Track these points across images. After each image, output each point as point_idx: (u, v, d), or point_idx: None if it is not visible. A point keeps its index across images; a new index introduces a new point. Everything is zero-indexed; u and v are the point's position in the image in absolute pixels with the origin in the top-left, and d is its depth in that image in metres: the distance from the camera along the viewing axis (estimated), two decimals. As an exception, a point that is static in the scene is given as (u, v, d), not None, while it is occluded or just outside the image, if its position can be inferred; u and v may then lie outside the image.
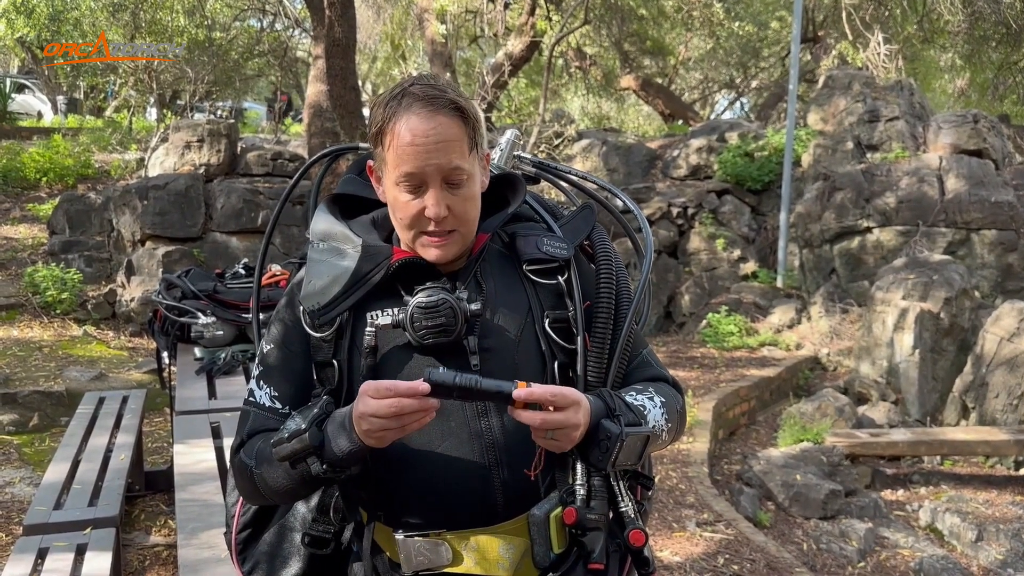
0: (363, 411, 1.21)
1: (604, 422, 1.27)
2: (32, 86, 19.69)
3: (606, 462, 1.26)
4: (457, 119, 1.30)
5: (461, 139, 1.30)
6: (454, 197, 1.31)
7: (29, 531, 3.20)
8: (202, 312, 4.25)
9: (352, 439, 1.25)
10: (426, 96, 1.28)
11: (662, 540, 4.33)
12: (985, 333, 7.05)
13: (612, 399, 1.32)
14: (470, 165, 1.32)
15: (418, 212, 1.31)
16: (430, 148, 1.27)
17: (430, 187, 1.29)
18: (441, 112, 1.28)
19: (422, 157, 1.27)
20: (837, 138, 10.27)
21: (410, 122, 1.27)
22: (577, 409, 1.23)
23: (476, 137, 1.33)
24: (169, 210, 9.19)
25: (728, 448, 6.53)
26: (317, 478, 1.29)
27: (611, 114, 23.05)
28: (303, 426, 1.26)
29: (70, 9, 13.68)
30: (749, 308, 9.27)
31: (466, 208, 1.33)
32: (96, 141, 12.90)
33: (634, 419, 1.31)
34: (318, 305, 1.36)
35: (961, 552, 5.23)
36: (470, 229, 1.36)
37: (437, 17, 13.29)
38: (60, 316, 8.31)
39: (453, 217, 1.31)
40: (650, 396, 1.39)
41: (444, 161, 1.28)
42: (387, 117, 1.30)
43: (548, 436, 1.23)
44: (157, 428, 5.88)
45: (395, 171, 1.30)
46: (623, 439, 1.25)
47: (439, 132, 1.28)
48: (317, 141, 8.54)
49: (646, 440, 1.30)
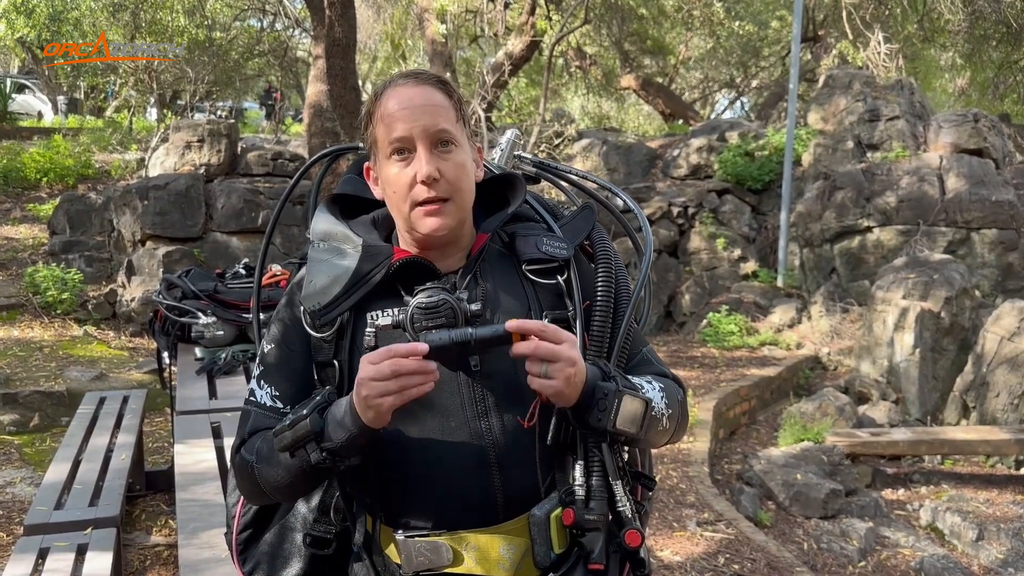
0: (362, 376, 1.22)
1: (600, 382, 1.28)
2: (32, 86, 19.70)
3: (606, 420, 1.25)
4: (441, 90, 1.35)
5: (447, 106, 1.34)
6: (444, 162, 1.32)
7: (30, 531, 3.20)
8: (202, 312, 4.25)
9: (353, 420, 1.25)
10: (410, 73, 1.36)
11: (663, 540, 4.33)
12: (986, 332, 7.05)
13: (607, 366, 1.32)
14: (458, 133, 1.35)
15: (410, 180, 1.32)
16: (416, 111, 1.31)
17: (420, 149, 1.32)
18: (426, 83, 1.34)
19: (409, 119, 1.31)
20: (837, 137, 10.27)
21: (396, 92, 1.33)
22: (572, 344, 1.24)
23: (461, 111, 1.37)
24: (169, 210, 9.19)
25: (729, 448, 6.53)
26: (316, 468, 1.28)
27: (611, 114, 23.06)
28: (304, 412, 1.27)
29: (70, 9, 13.69)
30: (749, 307, 9.27)
31: (458, 174, 1.34)
32: (96, 141, 12.90)
33: (631, 385, 1.31)
34: (319, 305, 1.36)
35: (962, 551, 5.23)
36: (464, 200, 1.36)
37: (437, 17, 13.28)
38: (61, 316, 8.31)
39: (445, 182, 1.32)
40: (648, 381, 1.40)
41: (431, 122, 1.31)
42: (374, 99, 1.36)
43: (544, 372, 1.22)
44: (158, 428, 5.88)
45: (385, 142, 1.33)
46: (620, 393, 1.26)
47: (424, 97, 1.33)
48: (317, 141, 8.54)
49: (646, 405, 1.29)
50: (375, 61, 20.88)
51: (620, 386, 1.27)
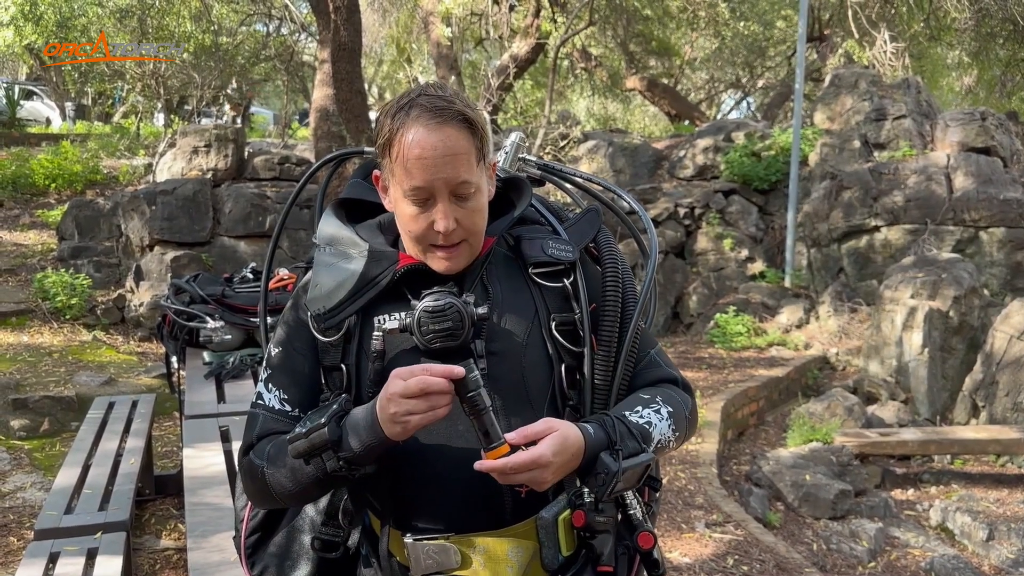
0: (392, 391, 1.21)
1: (603, 456, 1.26)
2: (40, 93, 19.79)
3: (603, 494, 1.27)
4: (465, 131, 1.29)
5: (469, 152, 1.29)
6: (462, 210, 1.31)
7: (40, 536, 3.21)
8: (210, 316, 4.27)
9: (373, 432, 1.24)
10: (434, 108, 1.28)
11: (671, 541, 4.32)
12: (994, 331, 7.02)
13: (614, 428, 1.31)
14: (478, 178, 1.32)
15: (427, 226, 1.31)
16: (438, 162, 1.27)
17: (438, 201, 1.29)
18: (449, 124, 1.28)
19: (430, 171, 1.27)
20: (844, 137, 10.24)
21: (418, 134, 1.27)
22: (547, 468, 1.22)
23: (484, 148, 1.33)
24: (177, 215, 9.22)
25: (737, 448, 6.51)
26: (331, 476, 1.28)
27: (617, 115, 23.05)
28: (323, 420, 1.26)
29: (77, 16, 13.75)
30: (757, 308, 9.25)
31: (474, 220, 1.33)
32: (104, 147, 12.95)
33: (635, 448, 1.30)
34: (324, 309, 1.36)
35: (972, 551, 5.21)
36: (478, 240, 1.37)
37: (442, 20, 13.31)
38: (70, 321, 8.34)
39: (462, 229, 1.32)
40: (656, 409, 1.38)
41: (452, 175, 1.28)
42: (395, 128, 1.29)
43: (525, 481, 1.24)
44: (167, 432, 5.90)
45: (403, 184, 1.30)
46: (620, 477, 1.25)
47: (447, 145, 1.27)
48: (323, 145, 8.56)
49: (647, 468, 1.30)
50: (381, 65, 20.92)
51: (622, 463, 1.26)
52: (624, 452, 1.28)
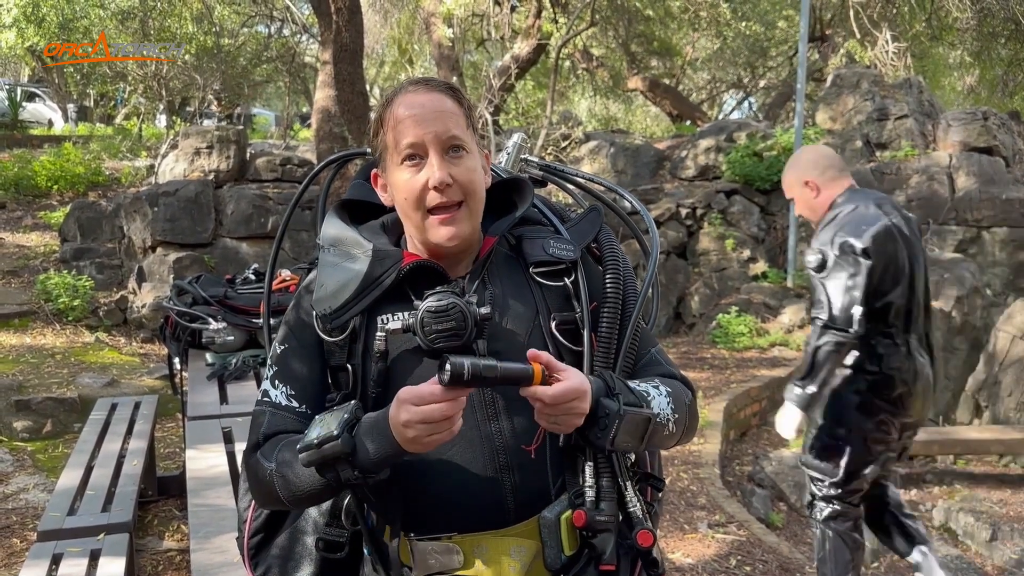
0: (408, 419, 1.19)
1: (603, 400, 1.27)
2: (43, 95, 19.82)
3: (605, 439, 1.26)
4: (451, 97, 1.35)
5: (457, 113, 1.34)
6: (456, 167, 1.33)
7: (43, 537, 3.22)
8: (213, 318, 4.27)
9: (390, 444, 1.23)
10: (420, 80, 1.36)
11: (674, 542, 4.32)
12: (997, 331, 7.02)
13: (613, 380, 1.31)
14: (468, 139, 1.35)
15: (422, 186, 1.32)
16: (427, 116, 1.31)
17: (431, 155, 1.32)
18: (436, 90, 1.35)
19: (420, 125, 1.31)
20: (846, 137, 10.24)
21: (406, 98, 1.34)
22: (584, 398, 1.23)
23: (472, 119, 1.37)
24: (179, 216, 9.23)
25: (739, 449, 6.51)
26: (345, 484, 1.28)
27: (618, 115, 23.06)
28: (334, 431, 1.23)
29: (79, 17, 13.77)
30: (759, 308, 9.24)
31: (471, 178, 1.34)
32: (106, 148, 12.97)
33: (635, 400, 1.30)
34: (329, 309, 1.36)
35: (975, 552, 5.20)
36: (477, 204, 1.37)
37: (444, 21, 13.32)
38: (72, 323, 8.36)
39: (458, 186, 1.32)
40: (655, 386, 1.38)
41: (442, 129, 1.32)
42: (384, 106, 1.37)
43: (551, 420, 1.24)
44: (169, 433, 5.90)
45: (396, 149, 1.33)
46: (621, 415, 1.25)
47: (435, 103, 1.33)
48: (325, 146, 8.57)
49: (648, 421, 1.29)
50: (382, 66, 20.93)
51: (622, 405, 1.26)
52: (624, 399, 1.28)
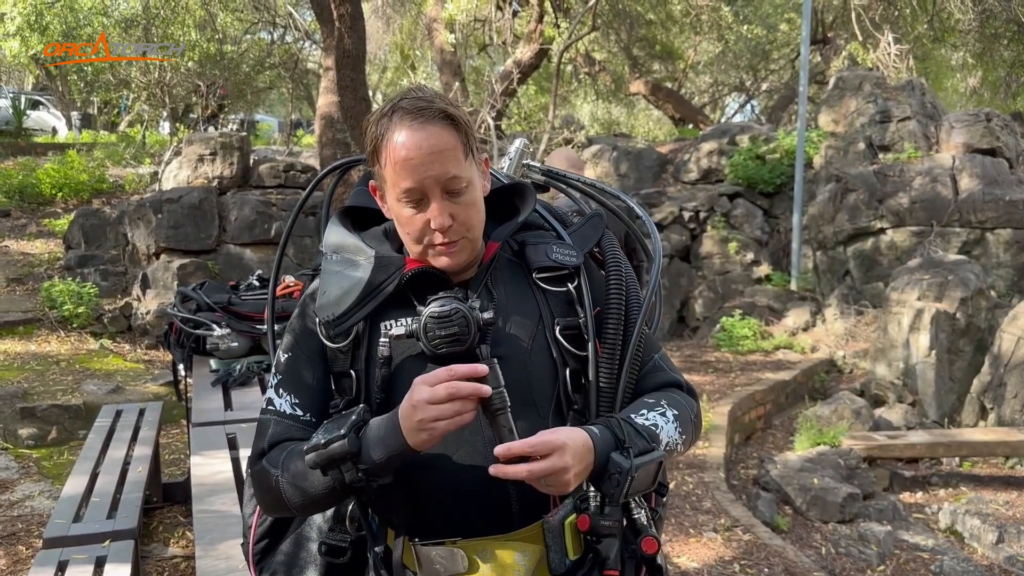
0: (418, 398, 1.20)
1: (614, 456, 1.26)
2: (46, 102, 19.89)
3: (619, 495, 1.26)
4: (448, 128, 1.31)
5: (455, 147, 1.31)
6: (456, 205, 1.32)
7: (49, 544, 3.22)
8: (217, 324, 4.27)
9: (395, 442, 1.24)
10: (415, 108, 1.30)
11: (679, 546, 4.31)
12: (1002, 333, 7.00)
13: (621, 428, 1.30)
14: (468, 172, 1.33)
15: (423, 225, 1.32)
16: (425, 160, 1.28)
17: (431, 199, 1.31)
18: (431, 123, 1.30)
19: (419, 170, 1.29)
20: (848, 139, 10.23)
21: (402, 137, 1.29)
22: (562, 453, 1.21)
23: (470, 143, 1.34)
24: (183, 223, 9.26)
25: (744, 452, 6.50)
26: (349, 486, 1.28)
27: (621, 119, 23.07)
28: (342, 432, 1.25)
29: (83, 25, 13.82)
30: (763, 311, 9.24)
31: (469, 215, 1.34)
32: (110, 156, 13.02)
33: (645, 446, 1.29)
34: (333, 316, 1.36)
35: (982, 554, 5.19)
36: (476, 235, 1.37)
37: (446, 26, 13.35)
38: (77, 330, 8.38)
39: (458, 225, 1.32)
40: (662, 411, 1.37)
41: (441, 171, 1.29)
42: (379, 135, 1.32)
43: (543, 484, 1.23)
44: (174, 440, 5.91)
45: (395, 188, 1.32)
46: (633, 474, 1.25)
47: (432, 143, 1.29)
48: (328, 152, 8.58)
49: (659, 464, 1.30)
50: (385, 71, 20.97)
51: (633, 460, 1.26)
52: (634, 450, 1.27)
